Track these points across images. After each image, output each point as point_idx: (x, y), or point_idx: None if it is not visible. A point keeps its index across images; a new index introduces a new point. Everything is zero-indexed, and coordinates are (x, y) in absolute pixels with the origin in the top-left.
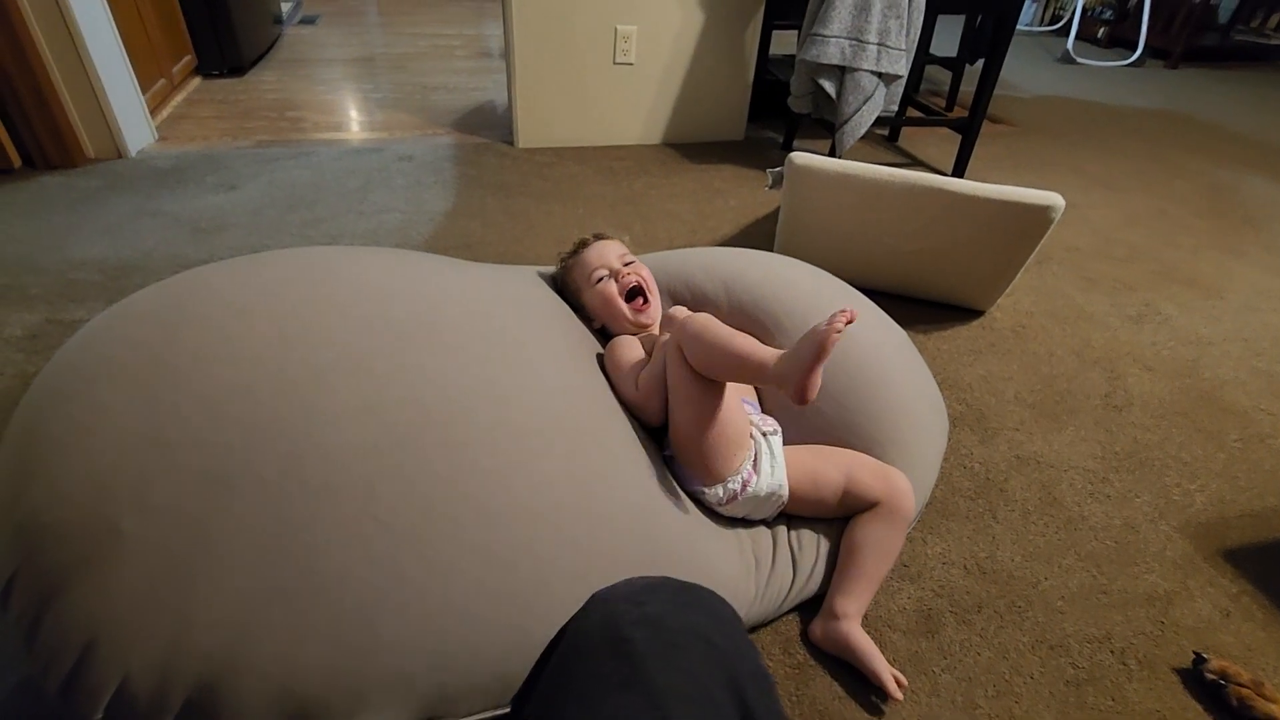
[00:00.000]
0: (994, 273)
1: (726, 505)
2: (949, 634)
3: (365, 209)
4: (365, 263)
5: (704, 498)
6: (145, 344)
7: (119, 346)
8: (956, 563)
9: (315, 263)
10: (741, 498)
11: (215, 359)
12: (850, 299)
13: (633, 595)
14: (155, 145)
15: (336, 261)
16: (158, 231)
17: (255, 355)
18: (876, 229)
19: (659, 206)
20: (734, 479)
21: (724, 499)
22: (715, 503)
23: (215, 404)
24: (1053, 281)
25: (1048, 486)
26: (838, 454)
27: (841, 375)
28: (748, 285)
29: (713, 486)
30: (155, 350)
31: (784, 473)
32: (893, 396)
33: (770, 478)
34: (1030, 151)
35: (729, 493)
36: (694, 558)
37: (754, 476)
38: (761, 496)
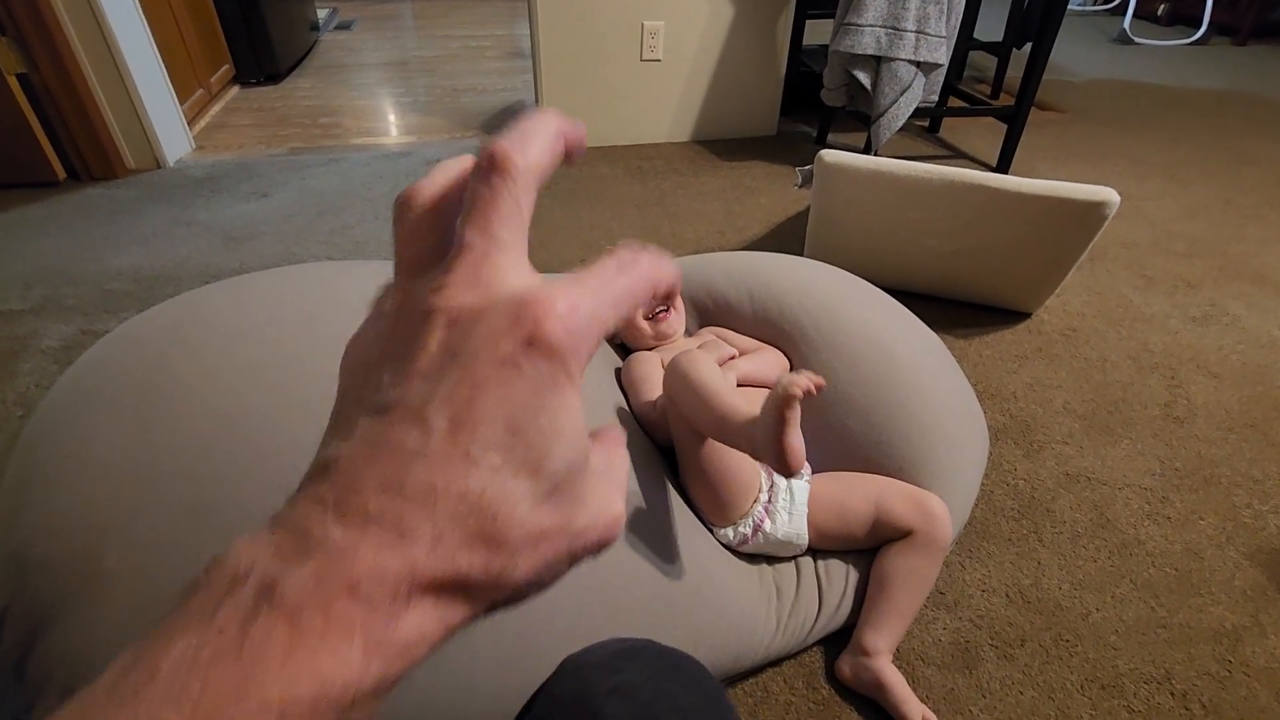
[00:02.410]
0: (1041, 273)
1: (739, 546)
2: (988, 670)
3: (391, 215)
4: (366, 280)
5: (716, 536)
6: (137, 372)
7: (111, 375)
8: (998, 590)
9: (313, 282)
10: (753, 542)
11: (205, 387)
12: (882, 306)
13: (608, 661)
14: (192, 155)
15: (335, 280)
16: (191, 241)
17: (244, 384)
18: (913, 228)
19: (688, 206)
20: (744, 522)
21: (735, 541)
22: (726, 543)
23: (203, 434)
24: (1106, 280)
25: (1100, 506)
26: (865, 482)
27: (870, 389)
28: (774, 293)
29: (722, 528)
30: (146, 379)
31: (804, 522)
32: (927, 411)
33: (787, 525)
34: (1082, 140)
35: (740, 535)
36: (708, 587)
37: (766, 520)
38: (777, 541)
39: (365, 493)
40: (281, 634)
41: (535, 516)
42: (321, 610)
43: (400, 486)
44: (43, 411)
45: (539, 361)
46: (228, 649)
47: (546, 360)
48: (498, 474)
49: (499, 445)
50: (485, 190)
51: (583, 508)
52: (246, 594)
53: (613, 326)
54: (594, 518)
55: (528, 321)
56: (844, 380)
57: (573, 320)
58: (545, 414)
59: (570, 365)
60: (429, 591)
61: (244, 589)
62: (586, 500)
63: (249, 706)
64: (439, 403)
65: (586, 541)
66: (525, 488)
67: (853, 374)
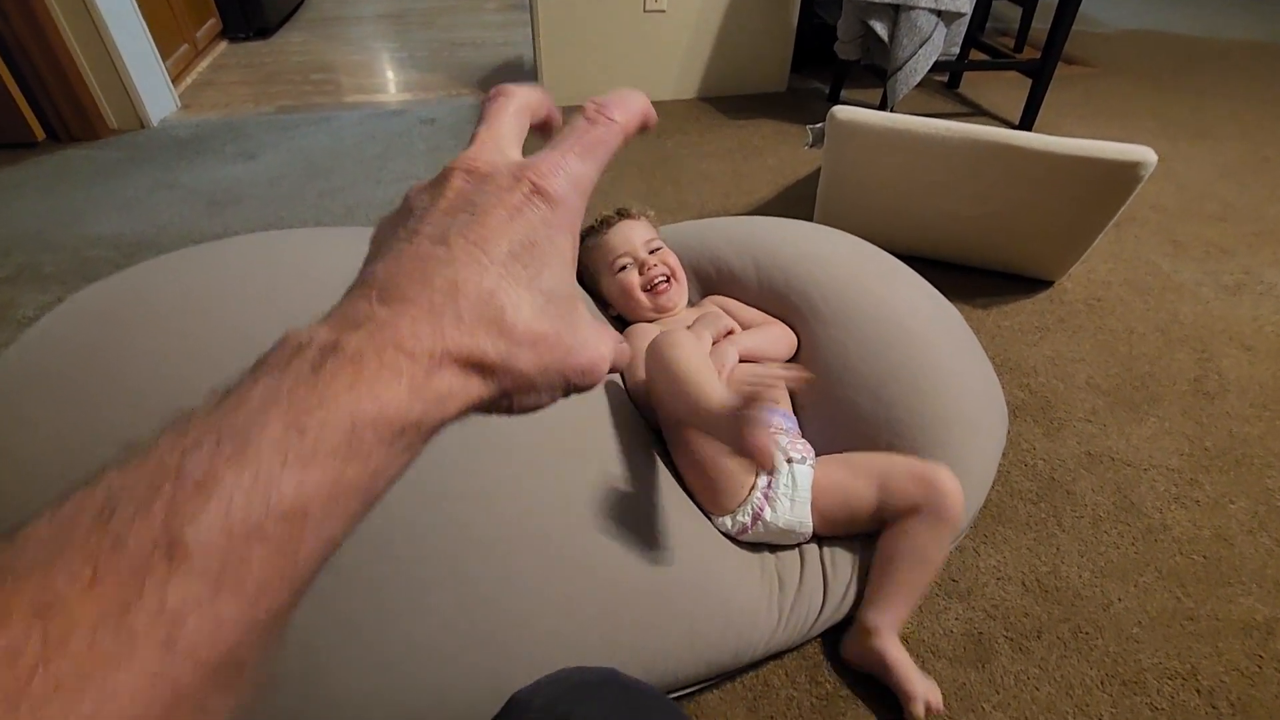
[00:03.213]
0: (1067, 239)
1: (739, 536)
2: (1003, 663)
3: (384, 177)
4: (341, 248)
5: (715, 525)
6: (78, 354)
7: (51, 357)
8: (1014, 578)
9: (284, 251)
10: (753, 531)
11: (150, 369)
12: (896, 276)
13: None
14: (178, 114)
15: (308, 249)
16: (174, 205)
17: (192, 366)
18: (931, 191)
19: (692, 168)
20: (742, 511)
21: (734, 530)
22: (725, 532)
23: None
24: (1133, 246)
25: (1124, 488)
26: (870, 461)
27: (882, 365)
28: (780, 262)
29: (719, 517)
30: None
31: (807, 509)
32: (942, 389)
33: (789, 514)
34: (1111, 96)
35: (738, 525)
36: (705, 580)
37: (766, 508)
38: (778, 530)
39: (402, 285)
40: (346, 371)
41: (534, 321)
42: (376, 357)
43: (430, 281)
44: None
45: (539, 205)
46: (305, 381)
47: (545, 205)
48: (504, 280)
49: (505, 262)
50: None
51: (573, 332)
52: (312, 352)
53: (594, 176)
54: (582, 344)
55: (527, 179)
56: (854, 356)
57: (561, 179)
58: (540, 245)
59: (560, 212)
60: (456, 361)
61: (309, 349)
62: (577, 329)
63: (326, 415)
64: (458, 229)
65: (576, 362)
66: (526, 297)
67: (863, 349)
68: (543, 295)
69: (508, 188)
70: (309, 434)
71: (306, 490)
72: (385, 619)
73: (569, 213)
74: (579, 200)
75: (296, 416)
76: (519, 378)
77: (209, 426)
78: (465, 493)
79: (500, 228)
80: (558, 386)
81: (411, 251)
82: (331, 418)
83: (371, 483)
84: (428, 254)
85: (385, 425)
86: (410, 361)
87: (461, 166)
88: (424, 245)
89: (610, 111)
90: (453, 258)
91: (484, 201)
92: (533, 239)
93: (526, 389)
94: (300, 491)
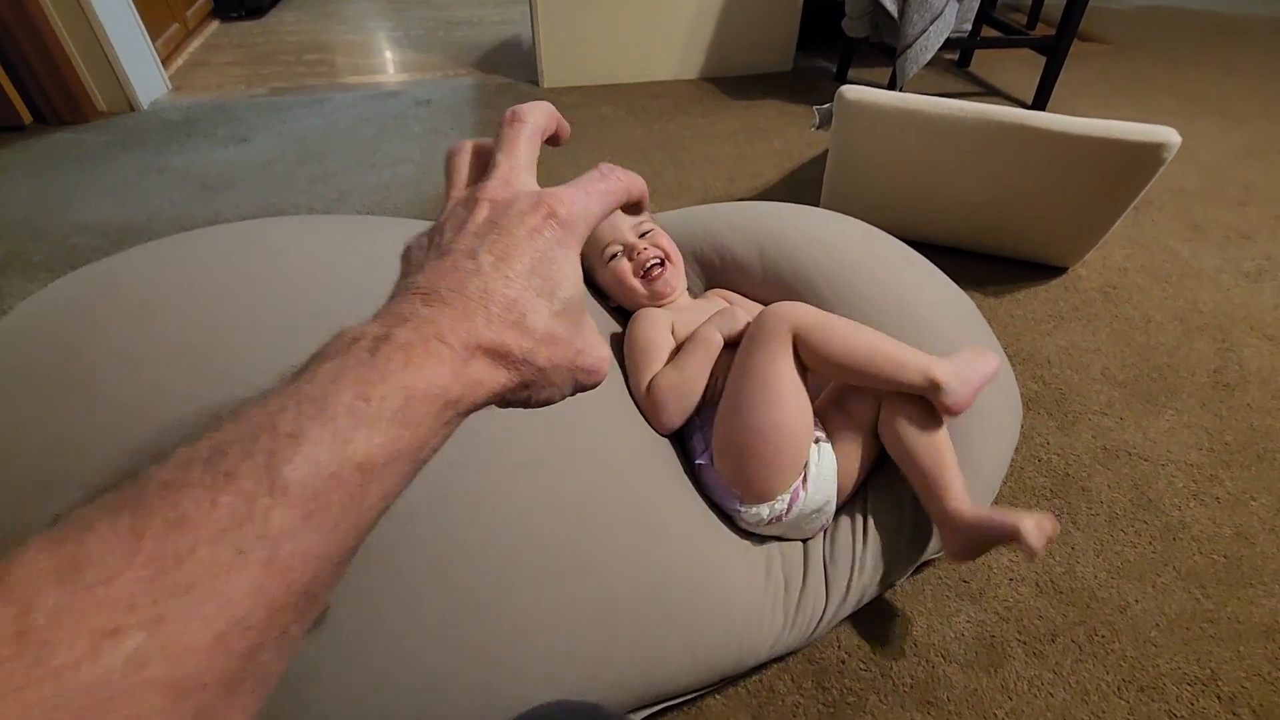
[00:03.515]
0: (1083, 225)
1: (769, 526)
2: (1015, 668)
3: (378, 161)
4: (320, 238)
5: (742, 517)
6: (41, 354)
7: (13, 358)
8: (1027, 578)
9: (261, 242)
10: (786, 519)
11: (120, 369)
12: (906, 263)
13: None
14: (168, 96)
15: (287, 238)
16: (164, 191)
17: (163, 366)
18: (943, 174)
19: (695, 150)
20: (783, 497)
21: (768, 519)
22: (755, 523)
23: (114, 424)
24: (1151, 230)
25: (1141, 485)
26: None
27: None
28: (786, 249)
29: (756, 506)
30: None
31: (833, 484)
32: None
33: (818, 492)
34: (1127, 74)
35: (774, 513)
36: (707, 585)
37: (802, 494)
38: (808, 513)
39: (441, 291)
40: (399, 356)
41: (549, 324)
42: (422, 345)
43: (464, 289)
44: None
45: (555, 230)
46: (365, 362)
47: (559, 229)
48: (525, 291)
49: (526, 276)
50: (509, 132)
51: (581, 336)
52: (368, 341)
53: (599, 216)
54: (589, 346)
55: (544, 206)
56: None
57: (574, 207)
58: (555, 263)
59: (570, 237)
60: (486, 352)
61: (365, 339)
62: (584, 333)
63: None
64: (486, 248)
65: (583, 362)
66: (543, 304)
67: None
68: (556, 304)
69: (528, 211)
70: (373, 402)
71: (373, 447)
72: (371, 629)
73: (577, 238)
74: (585, 229)
75: (362, 388)
76: (537, 371)
77: (288, 395)
78: (455, 495)
79: (521, 245)
80: (568, 383)
81: (449, 264)
82: (390, 391)
83: (419, 450)
84: (462, 267)
85: (432, 400)
86: (450, 350)
87: (486, 196)
88: (459, 259)
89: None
90: (482, 270)
91: (507, 223)
92: (548, 256)
93: (543, 382)
94: (368, 448)
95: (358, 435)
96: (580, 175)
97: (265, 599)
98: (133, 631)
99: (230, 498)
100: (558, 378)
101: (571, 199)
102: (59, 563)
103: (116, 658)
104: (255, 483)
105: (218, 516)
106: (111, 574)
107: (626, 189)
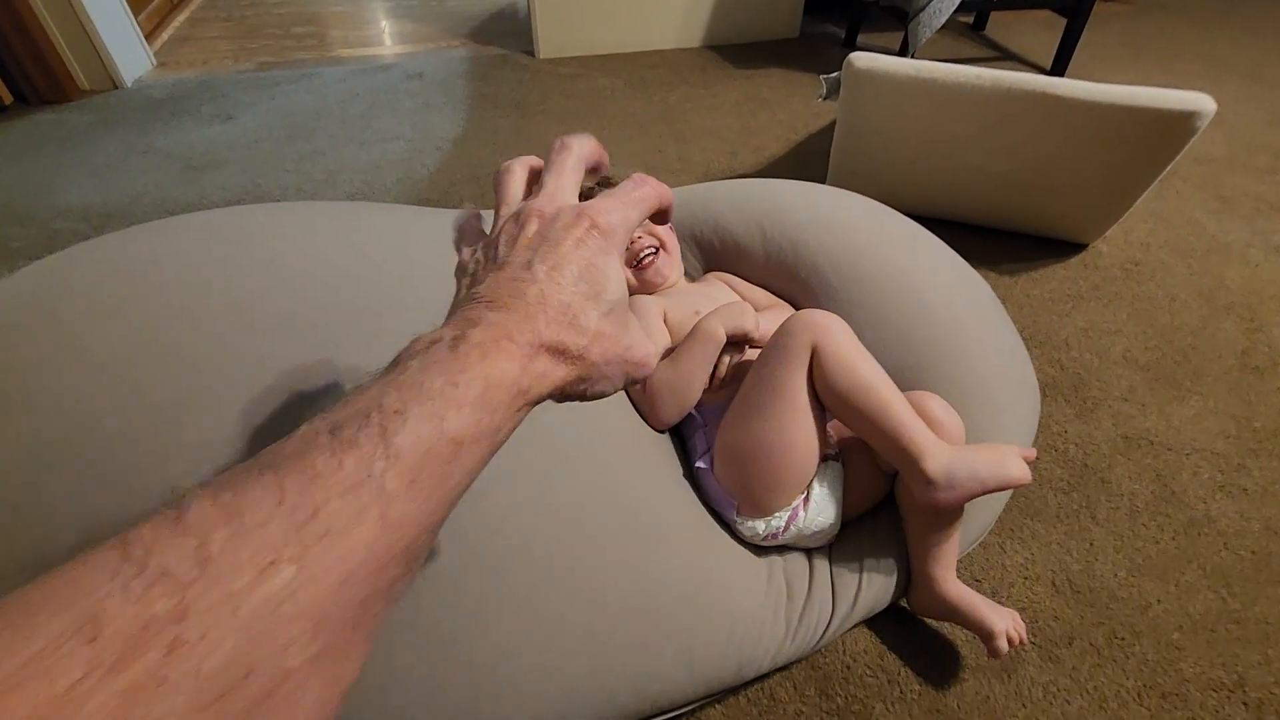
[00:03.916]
0: (1106, 198)
1: (765, 541)
2: (1030, 674)
3: (368, 138)
4: (285, 233)
5: (739, 529)
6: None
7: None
8: (1042, 577)
9: (219, 236)
10: (782, 537)
11: (52, 381)
12: (917, 243)
13: None
14: (153, 73)
15: (250, 231)
16: (148, 172)
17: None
18: (956, 146)
19: (696, 123)
20: (780, 514)
21: (763, 534)
22: (750, 536)
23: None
24: (1175, 203)
25: (1164, 476)
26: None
27: (901, 346)
28: (789, 230)
29: (752, 520)
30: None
31: (836, 506)
32: (968, 372)
33: (819, 515)
34: (1153, 36)
35: (770, 529)
36: (705, 594)
37: (802, 514)
38: (808, 533)
39: (504, 299)
40: (475, 353)
41: (599, 323)
42: (494, 344)
43: (524, 295)
44: None
45: (598, 239)
46: (446, 357)
47: (601, 238)
48: (575, 295)
49: (575, 282)
50: (557, 158)
51: (627, 333)
52: (446, 341)
53: (636, 223)
54: (636, 342)
55: (586, 219)
56: (869, 336)
57: (612, 217)
58: (600, 269)
59: (611, 245)
60: (546, 350)
61: (443, 341)
62: (630, 331)
63: (468, 377)
64: (539, 259)
65: (632, 356)
66: (592, 306)
67: (880, 329)
68: (603, 305)
69: (572, 224)
70: (460, 388)
71: (462, 425)
72: None
73: (618, 244)
74: (625, 236)
75: (449, 376)
76: (592, 365)
77: (386, 384)
78: None
79: (569, 255)
80: (619, 375)
81: (508, 275)
82: (472, 379)
83: (495, 433)
84: (520, 277)
85: (506, 388)
86: (517, 348)
87: (534, 212)
88: (516, 271)
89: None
90: (537, 279)
91: (555, 236)
92: (593, 263)
93: (597, 376)
94: (458, 425)
95: (449, 414)
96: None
97: (379, 551)
98: (285, 565)
99: (354, 460)
100: (610, 370)
101: (609, 210)
102: (222, 508)
103: (274, 585)
104: (372, 448)
105: (344, 476)
106: (265, 519)
107: (659, 196)
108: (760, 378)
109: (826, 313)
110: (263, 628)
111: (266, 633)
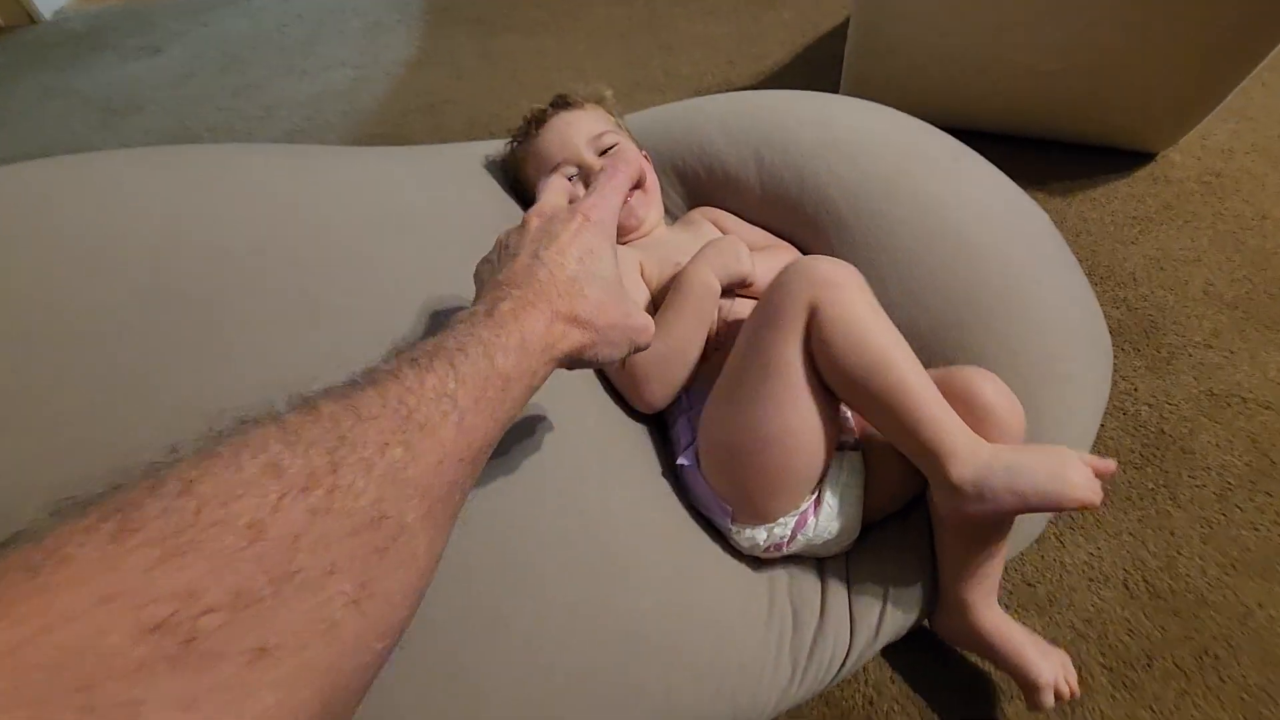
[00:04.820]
0: (1183, 97)
1: (766, 553)
2: (1099, 707)
3: (309, 66)
4: (210, 184)
5: (734, 539)
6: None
7: None
8: (1112, 578)
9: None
10: (789, 548)
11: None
12: (953, 164)
13: None
14: (73, 3)
15: (123, 190)
16: (63, 117)
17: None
18: (999, 40)
19: (686, 30)
20: (786, 520)
21: (764, 545)
22: (749, 548)
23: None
24: (1262, 98)
25: (1261, 443)
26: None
27: (936, 298)
28: (791, 155)
29: (750, 528)
30: None
31: (856, 507)
32: (1021, 327)
33: (833, 521)
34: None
35: (773, 540)
36: (687, 635)
37: (811, 519)
38: (819, 543)
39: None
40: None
41: (600, 294)
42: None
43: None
44: None
45: (592, 229)
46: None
47: (594, 229)
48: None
49: (577, 263)
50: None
51: (625, 305)
52: (481, 312)
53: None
54: (635, 312)
55: (579, 214)
56: (894, 288)
57: (599, 209)
58: (595, 252)
59: (602, 231)
60: (562, 317)
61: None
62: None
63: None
64: (544, 248)
65: (633, 324)
66: (594, 282)
67: (909, 277)
68: (603, 281)
69: (568, 220)
70: (502, 337)
71: (508, 365)
72: None
73: (607, 229)
74: (613, 221)
75: (493, 328)
76: (600, 330)
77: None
78: None
79: (569, 243)
80: (624, 341)
81: (521, 264)
82: (510, 332)
83: (533, 376)
84: (531, 264)
85: (537, 340)
86: (539, 313)
87: (535, 214)
88: (526, 259)
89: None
90: (546, 264)
91: (555, 230)
92: (589, 247)
93: (604, 341)
94: (505, 364)
95: (497, 355)
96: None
97: (460, 448)
98: (395, 446)
99: (434, 379)
100: (615, 336)
101: (594, 204)
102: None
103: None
104: (446, 371)
105: (429, 389)
106: (377, 413)
107: (630, 173)
108: (748, 349)
109: (835, 261)
110: (390, 487)
111: (392, 491)
